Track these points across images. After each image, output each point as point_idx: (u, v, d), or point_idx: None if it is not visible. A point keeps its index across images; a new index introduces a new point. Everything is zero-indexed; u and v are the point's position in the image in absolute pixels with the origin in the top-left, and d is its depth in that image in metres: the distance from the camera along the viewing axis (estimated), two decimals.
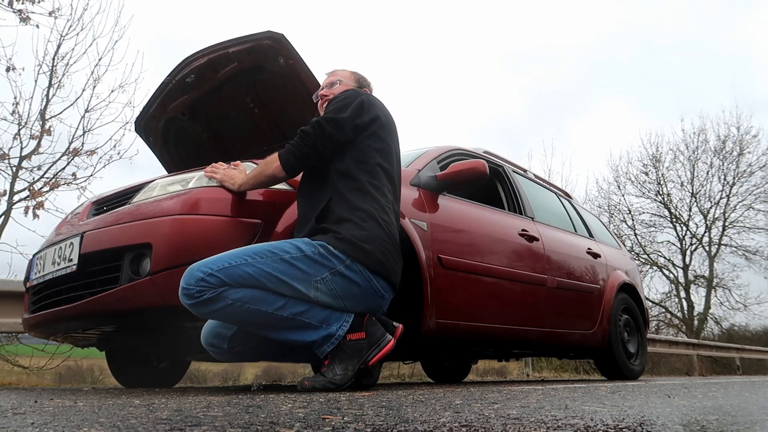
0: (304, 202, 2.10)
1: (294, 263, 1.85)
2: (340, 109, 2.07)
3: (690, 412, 1.38)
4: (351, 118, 2.05)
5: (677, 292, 18.72)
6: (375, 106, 2.14)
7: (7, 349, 4.97)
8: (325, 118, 2.06)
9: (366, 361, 1.90)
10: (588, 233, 4.48)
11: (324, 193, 2.01)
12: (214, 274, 1.77)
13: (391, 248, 2.01)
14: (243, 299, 1.80)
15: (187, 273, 1.79)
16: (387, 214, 2.03)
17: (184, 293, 1.78)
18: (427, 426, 0.99)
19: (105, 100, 6.60)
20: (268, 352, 2.14)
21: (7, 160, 6.02)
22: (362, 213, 1.96)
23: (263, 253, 1.84)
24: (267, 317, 1.84)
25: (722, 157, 18.49)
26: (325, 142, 2.02)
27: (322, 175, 2.06)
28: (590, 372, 9.80)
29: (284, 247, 1.88)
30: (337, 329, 1.90)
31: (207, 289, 1.77)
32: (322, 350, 1.91)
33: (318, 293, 1.88)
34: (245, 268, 1.80)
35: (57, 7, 6.34)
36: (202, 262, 1.81)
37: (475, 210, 3.19)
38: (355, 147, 2.06)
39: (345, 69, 2.43)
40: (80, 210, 2.58)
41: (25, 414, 1.19)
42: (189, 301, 1.79)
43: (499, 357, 4.26)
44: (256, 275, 1.80)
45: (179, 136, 3.21)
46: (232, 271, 1.79)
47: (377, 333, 1.93)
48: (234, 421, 1.03)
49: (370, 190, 2.02)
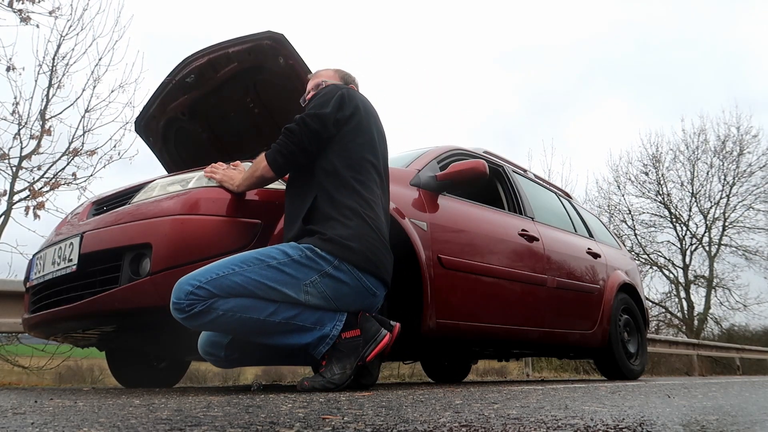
0: (291, 202, 2.09)
1: (282, 269, 1.84)
2: (322, 104, 2.06)
3: (690, 412, 1.37)
4: (333, 112, 2.04)
5: (677, 292, 18.73)
6: (354, 98, 2.12)
7: (7, 349, 4.97)
8: (308, 114, 2.04)
9: (363, 357, 1.90)
10: (588, 233, 4.49)
11: (310, 192, 2.00)
12: (203, 287, 1.77)
13: (379, 244, 1.99)
14: (234, 309, 1.80)
15: (177, 287, 1.79)
16: (373, 209, 2.01)
17: (174, 308, 1.79)
18: (427, 426, 0.99)
19: (105, 100, 6.59)
20: (266, 357, 2.14)
21: (7, 160, 6.02)
22: (348, 210, 1.95)
23: (250, 261, 1.84)
24: (260, 324, 1.84)
25: (722, 157, 18.51)
26: (310, 137, 2.01)
27: (308, 174, 2.05)
28: (590, 372, 9.80)
29: (271, 254, 1.87)
30: (330, 329, 1.90)
31: (197, 302, 1.76)
32: (318, 351, 1.91)
33: (308, 297, 1.87)
34: (233, 278, 1.79)
35: (57, 7, 6.34)
36: (190, 275, 1.81)
37: (475, 210, 3.19)
38: (338, 142, 2.05)
39: (328, 68, 2.42)
40: (80, 210, 2.58)
41: (25, 414, 1.19)
42: (180, 315, 1.79)
43: (499, 357, 4.26)
44: (244, 284, 1.80)
45: (179, 136, 3.21)
46: (221, 282, 1.78)
47: (372, 329, 1.93)
48: (234, 421, 1.03)
49: (355, 185, 2.00)
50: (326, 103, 2.06)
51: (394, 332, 1.98)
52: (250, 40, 2.72)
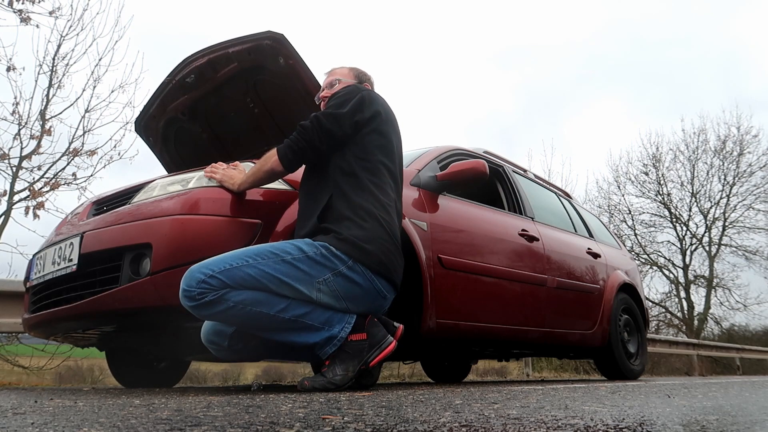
0: (306, 199, 2.09)
1: (296, 264, 1.84)
2: (340, 104, 2.07)
3: (690, 412, 1.37)
4: (350, 113, 2.04)
5: (677, 292, 18.74)
6: (376, 101, 2.13)
7: (7, 349, 4.96)
8: (324, 113, 2.05)
9: (367, 362, 1.90)
10: (588, 233, 4.49)
11: (325, 191, 2.01)
12: (216, 276, 1.76)
13: (393, 248, 2.00)
14: (245, 301, 1.79)
15: (188, 274, 1.78)
16: (388, 212, 2.02)
17: (185, 295, 1.77)
18: (427, 426, 0.99)
19: (105, 100, 6.59)
20: (269, 351, 2.13)
21: (7, 160, 6.02)
22: (363, 212, 1.96)
23: (265, 255, 1.83)
24: (269, 319, 1.83)
25: (722, 157, 18.52)
26: (322, 136, 2.01)
27: (323, 173, 2.06)
28: (590, 372, 9.80)
29: (286, 248, 1.87)
30: (339, 331, 1.90)
31: (208, 291, 1.75)
32: (325, 352, 1.91)
33: (320, 294, 1.87)
34: (247, 270, 1.79)
35: (57, 7, 6.34)
36: (203, 263, 1.80)
37: (475, 210, 3.19)
38: (356, 144, 2.05)
39: (343, 66, 2.42)
40: (80, 210, 2.58)
41: (25, 414, 1.19)
42: (190, 303, 1.78)
43: (499, 357, 4.26)
44: (258, 277, 1.79)
45: (179, 136, 3.21)
46: (234, 273, 1.77)
47: (379, 334, 1.93)
48: (234, 421, 1.03)
49: (372, 188, 2.01)
50: (345, 103, 2.07)
51: (397, 335, 1.98)
52: (250, 40, 2.72)
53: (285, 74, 2.77)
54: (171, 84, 2.95)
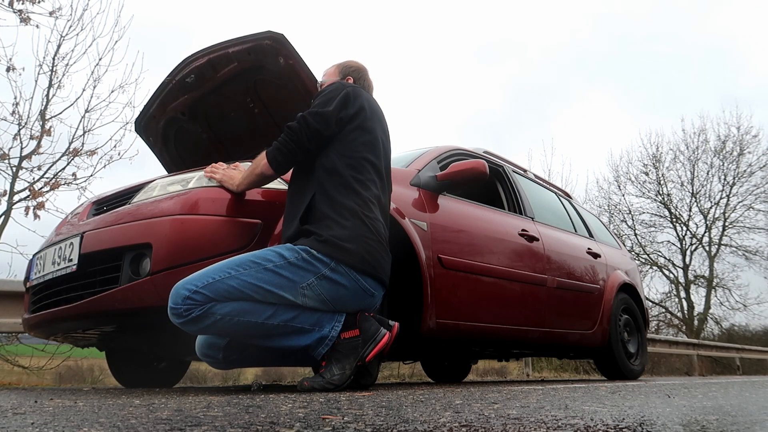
0: (291, 200, 2.09)
1: (278, 272, 1.84)
2: (325, 102, 2.06)
3: (690, 412, 1.37)
4: (336, 111, 2.03)
5: (677, 292, 18.74)
6: (360, 97, 2.11)
7: (7, 349, 4.96)
8: (310, 112, 2.04)
9: (363, 357, 1.89)
10: (588, 233, 4.49)
11: (309, 189, 2.00)
12: (200, 291, 1.76)
13: (376, 245, 1.98)
14: (231, 313, 1.79)
15: (173, 292, 1.79)
16: (371, 210, 2.00)
17: (172, 312, 1.78)
18: (427, 426, 0.99)
19: (105, 100, 6.58)
20: (265, 358, 2.14)
21: (7, 160, 6.02)
22: (345, 210, 1.94)
23: (246, 265, 1.83)
24: (258, 327, 1.83)
25: (722, 157, 18.51)
26: (310, 136, 2.00)
27: (308, 171, 2.05)
28: (590, 372, 9.80)
29: (267, 256, 1.86)
30: (329, 330, 1.90)
31: (194, 307, 1.76)
32: (318, 352, 1.91)
33: (305, 299, 1.87)
34: (230, 282, 1.79)
35: (57, 7, 6.34)
36: (186, 279, 1.80)
37: (475, 210, 3.19)
38: (340, 141, 2.04)
39: (332, 64, 2.44)
40: (80, 210, 2.58)
41: (25, 414, 1.19)
42: (178, 320, 1.79)
43: (499, 357, 4.26)
44: (241, 288, 1.80)
45: (179, 136, 3.21)
46: (217, 286, 1.78)
47: (371, 329, 1.92)
48: (234, 421, 1.03)
49: (354, 185, 1.99)
50: (330, 101, 2.06)
51: (393, 331, 1.97)
52: (250, 40, 2.72)
53: (285, 74, 2.77)
54: (171, 84, 2.94)
